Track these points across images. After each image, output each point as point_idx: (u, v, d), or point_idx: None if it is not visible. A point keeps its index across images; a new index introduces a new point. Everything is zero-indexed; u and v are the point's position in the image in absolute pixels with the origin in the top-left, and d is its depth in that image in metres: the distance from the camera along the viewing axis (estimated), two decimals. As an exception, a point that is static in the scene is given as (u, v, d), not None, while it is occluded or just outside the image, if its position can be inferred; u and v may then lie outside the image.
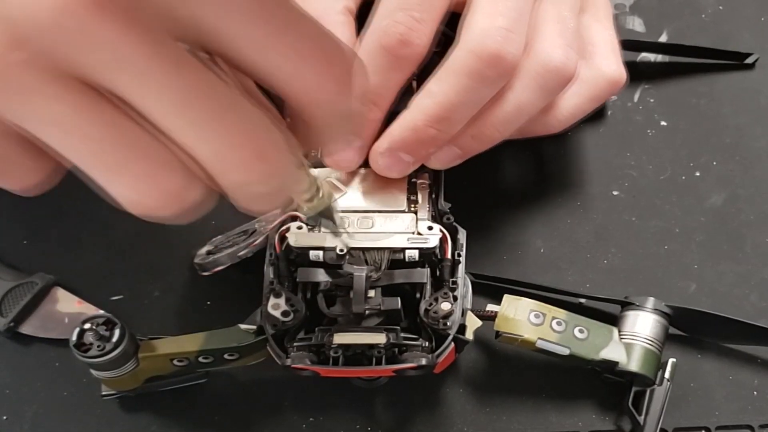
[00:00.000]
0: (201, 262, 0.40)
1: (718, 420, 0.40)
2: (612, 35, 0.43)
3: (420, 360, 0.35)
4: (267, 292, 0.37)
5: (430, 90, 0.37)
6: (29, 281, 0.43)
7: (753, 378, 0.41)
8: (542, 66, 0.38)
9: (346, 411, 0.40)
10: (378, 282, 0.37)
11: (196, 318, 0.43)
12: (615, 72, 0.42)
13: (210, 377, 0.40)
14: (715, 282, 0.44)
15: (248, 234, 0.40)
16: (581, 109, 0.42)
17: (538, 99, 0.38)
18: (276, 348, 0.36)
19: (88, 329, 0.37)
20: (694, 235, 0.45)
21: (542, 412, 0.40)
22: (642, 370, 0.39)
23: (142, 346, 0.38)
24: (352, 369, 0.36)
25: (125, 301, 0.43)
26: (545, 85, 0.38)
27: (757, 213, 0.46)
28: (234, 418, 0.40)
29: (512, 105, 0.38)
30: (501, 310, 0.39)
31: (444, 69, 0.37)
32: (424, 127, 0.37)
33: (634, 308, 0.40)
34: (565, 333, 0.39)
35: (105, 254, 0.45)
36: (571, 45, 0.39)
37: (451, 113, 0.37)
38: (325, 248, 0.37)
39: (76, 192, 0.46)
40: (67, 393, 0.41)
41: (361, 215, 0.39)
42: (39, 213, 0.46)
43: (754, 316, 0.42)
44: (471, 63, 0.36)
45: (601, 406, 0.40)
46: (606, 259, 0.44)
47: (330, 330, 0.36)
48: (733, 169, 0.47)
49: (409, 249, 0.37)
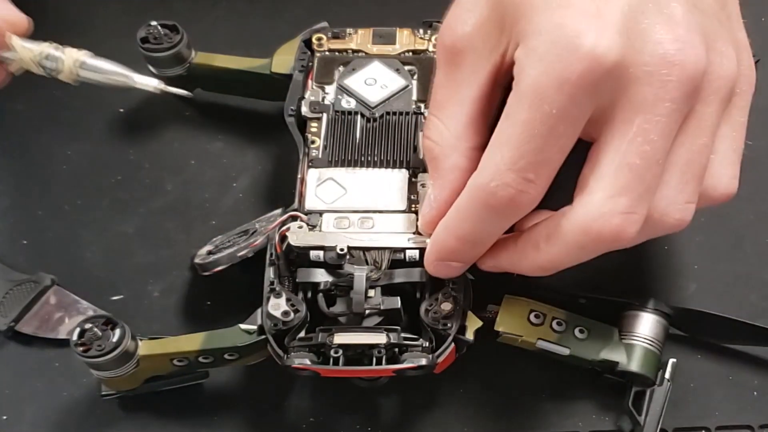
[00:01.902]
0: (201, 262, 0.40)
1: (718, 420, 0.40)
2: (740, 138, 0.37)
3: (420, 360, 0.35)
4: (267, 292, 0.37)
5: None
6: (29, 281, 0.43)
7: (753, 378, 0.41)
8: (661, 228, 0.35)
9: (346, 411, 0.40)
10: (378, 282, 0.37)
11: (196, 318, 0.43)
12: (729, 186, 0.36)
13: (210, 377, 0.40)
14: (715, 282, 0.44)
15: (248, 234, 0.40)
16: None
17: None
18: (276, 348, 0.36)
19: (88, 329, 0.37)
20: (694, 235, 0.45)
21: (542, 412, 0.40)
22: (642, 371, 0.39)
23: (142, 346, 0.38)
24: (352, 369, 0.36)
25: (125, 301, 0.43)
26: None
27: (757, 213, 0.46)
28: (234, 418, 0.40)
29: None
30: (501, 310, 0.39)
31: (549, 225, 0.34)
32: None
33: (634, 308, 0.40)
34: (565, 333, 0.39)
35: (105, 254, 0.45)
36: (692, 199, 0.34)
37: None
38: (326, 248, 0.37)
39: (76, 192, 0.47)
40: (67, 393, 0.41)
41: (361, 215, 0.39)
42: (39, 213, 0.46)
43: (754, 316, 0.42)
44: (576, 238, 0.33)
45: (601, 406, 0.40)
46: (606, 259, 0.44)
47: (330, 330, 0.36)
48: (733, 170, 0.47)
49: (410, 249, 0.37)
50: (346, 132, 0.41)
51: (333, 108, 0.42)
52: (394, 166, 0.40)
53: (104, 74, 0.43)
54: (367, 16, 0.51)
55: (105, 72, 0.44)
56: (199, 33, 0.49)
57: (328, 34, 0.45)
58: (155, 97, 0.47)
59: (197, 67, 0.47)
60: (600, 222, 0.32)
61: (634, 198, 0.32)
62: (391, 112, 0.42)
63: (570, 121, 0.32)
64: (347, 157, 0.40)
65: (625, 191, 0.32)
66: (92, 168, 0.47)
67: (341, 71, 0.43)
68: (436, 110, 0.37)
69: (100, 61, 0.44)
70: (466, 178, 0.35)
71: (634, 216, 0.32)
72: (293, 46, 0.45)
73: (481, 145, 0.35)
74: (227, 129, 0.49)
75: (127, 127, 0.49)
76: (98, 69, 0.43)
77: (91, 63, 0.43)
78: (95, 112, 0.49)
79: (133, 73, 0.44)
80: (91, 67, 0.43)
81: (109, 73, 0.44)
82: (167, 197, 0.46)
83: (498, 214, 0.33)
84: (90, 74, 0.43)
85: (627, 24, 0.32)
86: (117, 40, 0.50)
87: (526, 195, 0.32)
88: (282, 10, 0.53)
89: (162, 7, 0.53)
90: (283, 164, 0.47)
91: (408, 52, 0.44)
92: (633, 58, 0.32)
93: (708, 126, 0.34)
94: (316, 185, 0.40)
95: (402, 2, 0.51)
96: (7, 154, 0.48)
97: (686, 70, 0.32)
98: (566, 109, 0.31)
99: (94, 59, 0.43)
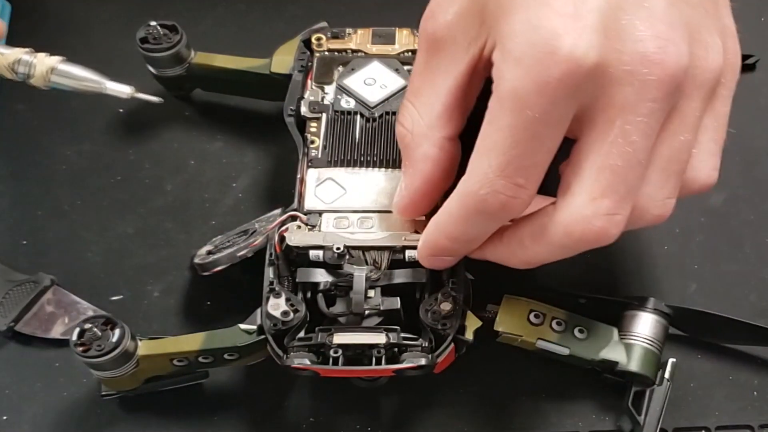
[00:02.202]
0: (201, 262, 0.40)
1: (718, 420, 0.40)
2: (722, 128, 0.36)
3: (420, 360, 0.35)
4: (267, 292, 0.37)
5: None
6: (29, 281, 0.43)
7: (753, 378, 0.41)
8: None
9: (346, 411, 0.40)
10: (378, 282, 0.37)
11: (196, 318, 0.43)
12: (709, 178, 0.35)
13: (210, 377, 0.40)
14: (715, 282, 0.44)
15: (248, 234, 0.40)
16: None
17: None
18: (276, 348, 0.36)
19: (88, 329, 0.37)
20: (694, 235, 0.45)
21: (542, 412, 0.40)
22: (642, 370, 0.39)
23: (142, 346, 0.38)
24: (352, 369, 0.36)
25: (125, 301, 0.43)
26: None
27: (757, 213, 0.46)
28: (234, 418, 0.40)
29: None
30: (501, 310, 0.39)
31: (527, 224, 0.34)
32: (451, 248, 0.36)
33: (634, 308, 0.40)
34: (565, 333, 0.39)
35: (105, 254, 0.45)
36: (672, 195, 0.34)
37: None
38: (325, 248, 0.37)
39: (76, 192, 0.47)
40: (67, 393, 0.41)
41: (361, 215, 0.39)
42: (39, 213, 0.46)
43: (754, 316, 0.42)
44: (560, 239, 0.33)
45: (601, 406, 0.40)
46: (606, 259, 0.44)
47: (330, 330, 0.36)
48: (733, 169, 0.47)
49: (409, 249, 0.37)
50: (345, 132, 0.41)
51: (332, 108, 0.42)
52: (394, 166, 0.40)
53: (76, 80, 0.44)
54: (367, 16, 0.51)
55: (77, 78, 0.44)
56: (199, 33, 0.49)
57: (328, 34, 0.45)
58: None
59: (197, 67, 0.47)
60: (582, 224, 0.32)
61: (617, 200, 0.32)
62: (390, 112, 0.41)
63: (553, 124, 0.32)
64: (347, 157, 0.40)
65: (607, 193, 0.32)
66: (92, 168, 0.47)
67: (340, 71, 0.43)
68: (412, 97, 0.36)
69: (72, 66, 0.44)
70: (437, 167, 0.35)
71: (616, 217, 0.32)
72: (293, 46, 0.45)
73: (453, 135, 0.35)
74: (227, 129, 0.49)
75: (127, 127, 0.49)
76: (70, 75, 0.44)
77: (63, 69, 0.43)
78: (95, 112, 0.49)
79: (106, 80, 0.44)
80: (63, 73, 0.43)
81: (82, 79, 0.44)
82: (167, 197, 0.46)
83: (490, 218, 0.33)
84: (62, 80, 0.44)
85: (606, 22, 0.31)
86: (117, 40, 0.51)
87: (518, 200, 0.32)
88: (281, 10, 0.53)
89: (162, 7, 0.53)
90: (282, 164, 0.47)
91: (407, 52, 0.44)
92: (613, 57, 0.31)
93: (691, 122, 0.33)
94: (316, 185, 0.40)
95: (402, 2, 0.51)
96: (7, 154, 0.48)
97: (667, 69, 0.31)
98: (548, 112, 0.31)
99: (66, 65, 0.44)
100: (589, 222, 0.32)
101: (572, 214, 0.32)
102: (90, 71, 0.44)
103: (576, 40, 0.30)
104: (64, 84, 0.44)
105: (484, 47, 0.33)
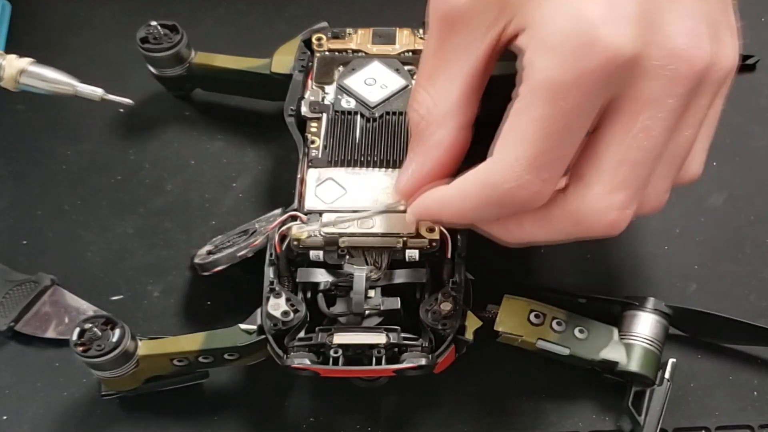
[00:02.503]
0: (201, 262, 0.40)
1: (718, 420, 0.40)
2: (715, 124, 0.36)
3: (420, 360, 0.35)
4: (267, 292, 0.37)
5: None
6: (29, 281, 0.43)
7: (753, 378, 0.41)
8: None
9: (346, 411, 0.40)
10: (378, 282, 0.37)
11: (196, 318, 0.43)
12: (697, 172, 0.36)
13: (210, 377, 0.40)
14: (715, 282, 0.44)
15: (248, 234, 0.40)
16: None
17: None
18: (276, 348, 0.36)
19: (88, 329, 0.37)
20: (694, 235, 0.45)
21: (542, 412, 0.40)
22: (642, 370, 0.39)
23: (142, 346, 0.38)
24: (352, 369, 0.36)
25: (125, 301, 0.43)
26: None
27: (757, 213, 0.46)
28: (234, 418, 0.40)
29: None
30: (501, 310, 0.39)
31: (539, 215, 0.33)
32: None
33: (634, 308, 0.40)
34: (565, 333, 0.39)
35: (105, 254, 0.45)
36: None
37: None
38: (325, 248, 0.37)
39: (75, 192, 0.47)
40: (67, 393, 0.41)
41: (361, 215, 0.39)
42: (39, 213, 0.46)
43: (754, 316, 0.42)
44: (565, 227, 0.32)
45: (601, 406, 0.40)
46: (606, 259, 0.44)
47: (330, 330, 0.36)
48: (733, 170, 0.47)
49: (410, 249, 0.37)
50: (345, 132, 0.41)
51: (333, 108, 0.42)
52: (394, 166, 0.40)
53: (47, 82, 0.43)
54: (367, 16, 0.51)
55: (48, 80, 0.43)
56: (199, 33, 0.49)
57: (328, 34, 0.45)
58: (155, 97, 0.47)
59: (197, 67, 0.47)
60: (594, 216, 0.32)
61: (630, 194, 0.32)
62: (390, 112, 0.41)
63: (585, 116, 0.31)
64: (347, 157, 0.40)
65: (623, 187, 0.31)
66: (92, 168, 0.47)
67: (341, 71, 0.43)
68: (425, 82, 0.35)
69: (43, 68, 0.44)
70: (449, 154, 0.34)
71: (627, 212, 0.32)
72: (293, 46, 0.45)
73: (468, 123, 0.35)
74: (227, 129, 0.49)
75: (127, 127, 0.49)
76: (41, 77, 0.43)
77: (34, 71, 0.43)
78: (95, 113, 0.49)
79: (77, 82, 0.44)
80: (33, 75, 0.43)
81: (52, 81, 0.44)
82: (167, 197, 0.46)
83: (507, 209, 0.33)
84: (32, 81, 0.43)
85: (641, 13, 0.30)
86: (117, 40, 0.51)
87: (542, 194, 0.31)
88: (282, 10, 0.53)
89: (162, 7, 0.53)
90: (282, 164, 0.47)
91: (408, 52, 0.44)
92: (645, 51, 0.30)
93: (699, 118, 0.33)
94: (316, 185, 0.40)
95: (402, 2, 0.51)
96: (7, 154, 0.48)
97: (694, 66, 0.31)
98: (581, 104, 0.30)
99: (36, 67, 0.43)
100: (601, 214, 0.32)
101: (585, 205, 0.32)
102: (61, 73, 0.44)
103: (614, 30, 0.30)
104: (34, 86, 0.44)
105: (504, 32, 0.32)
